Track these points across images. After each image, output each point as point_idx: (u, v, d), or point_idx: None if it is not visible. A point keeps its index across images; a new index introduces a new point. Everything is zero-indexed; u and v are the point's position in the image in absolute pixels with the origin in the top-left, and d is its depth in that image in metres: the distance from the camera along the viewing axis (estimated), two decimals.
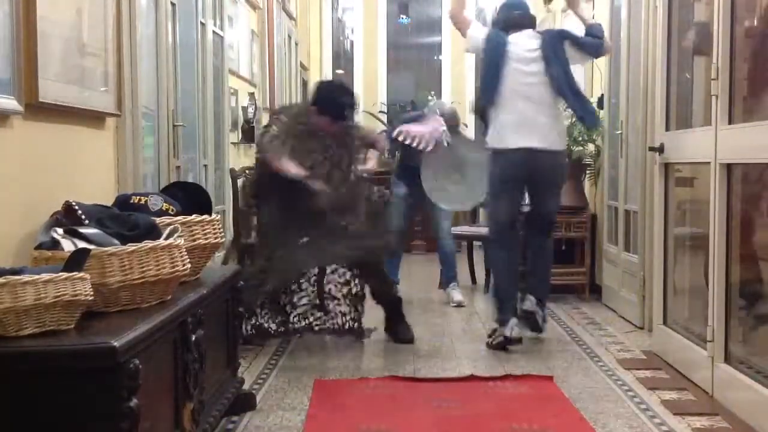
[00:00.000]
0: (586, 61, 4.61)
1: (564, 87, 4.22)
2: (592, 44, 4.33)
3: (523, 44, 4.27)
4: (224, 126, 5.44)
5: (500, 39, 4.29)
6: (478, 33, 4.39)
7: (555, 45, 4.25)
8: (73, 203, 2.54)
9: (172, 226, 2.52)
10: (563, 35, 4.34)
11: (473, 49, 4.53)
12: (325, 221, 4.18)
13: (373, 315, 4.56)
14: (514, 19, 4.37)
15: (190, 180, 4.44)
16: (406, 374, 3.77)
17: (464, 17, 4.47)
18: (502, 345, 4.23)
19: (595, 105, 4.55)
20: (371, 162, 4.40)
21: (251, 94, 6.35)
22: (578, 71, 5.15)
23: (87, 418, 1.85)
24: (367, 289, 4.49)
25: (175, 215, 2.74)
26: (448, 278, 5.84)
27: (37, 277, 1.94)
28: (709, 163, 3.40)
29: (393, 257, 5.32)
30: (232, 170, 5.27)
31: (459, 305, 5.54)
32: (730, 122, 3.29)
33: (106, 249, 2.22)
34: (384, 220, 4.48)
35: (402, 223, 5.37)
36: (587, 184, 6.05)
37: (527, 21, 4.39)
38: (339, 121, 4.25)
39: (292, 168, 4.06)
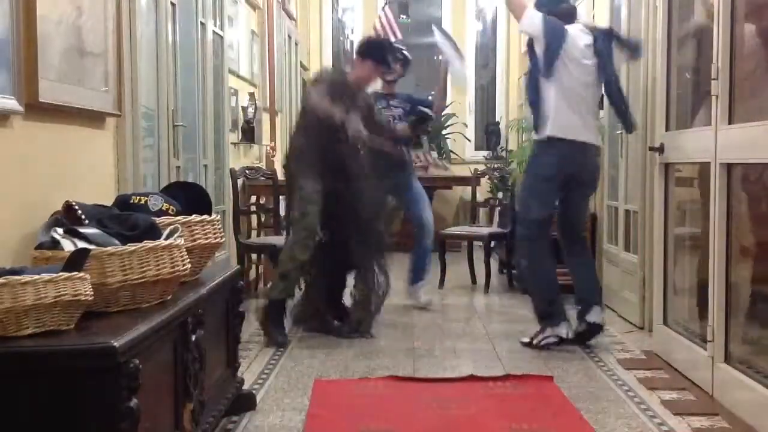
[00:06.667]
0: (623, 62, 4.43)
1: (614, 88, 4.21)
2: (636, 44, 4.27)
3: (578, 37, 4.20)
4: (224, 126, 5.43)
5: (560, 25, 4.19)
6: (536, 15, 4.21)
7: (608, 44, 4.20)
8: (73, 203, 2.54)
9: (172, 226, 2.52)
10: (612, 34, 4.28)
11: (531, 29, 4.25)
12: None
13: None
14: (564, 9, 4.27)
15: (190, 180, 4.45)
16: (406, 374, 3.77)
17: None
18: (551, 344, 4.21)
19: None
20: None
21: (251, 94, 6.35)
22: None
23: (87, 418, 1.85)
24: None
25: (175, 215, 2.74)
26: (419, 279, 5.45)
27: (37, 277, 1.94)
28: (709, 163, 3.40)
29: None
30: (232, 170, 5.29)
31: (425, 307, 5.33)
32: (730, 122, 3.29)
33: (106, 249, 2.22)
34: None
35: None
36: None
37: (575, 13, 4.33)
38: (381, 65, 4.69)
39: (335, 111, 4.36)
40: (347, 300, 4.80)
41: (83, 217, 2.49)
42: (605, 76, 4.18)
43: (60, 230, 2.34)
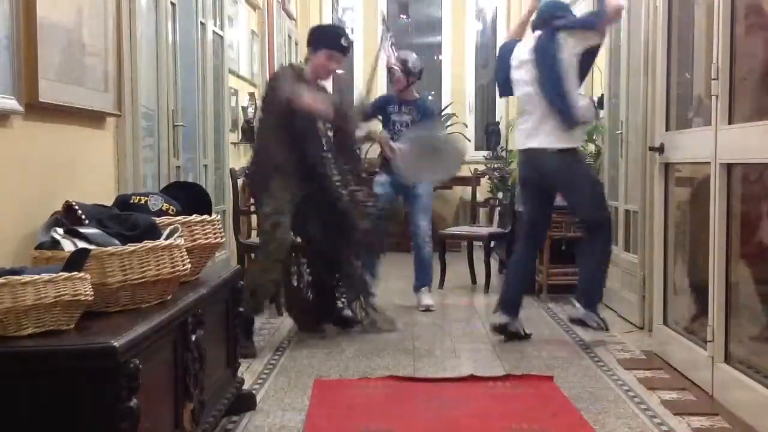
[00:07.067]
0: (593, 38, 4.30)
1: (547, 87, 4.30)
2: (585, 20, 4.44)
3: (523, 49, 4.50)
4: (224, 126, 5.44)
5: (506, 48, 4.61)
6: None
7: (546, 45, 4.33)
8: (73, 203, 2.54)
9: (172, 226, 2.52)
10: (555, 28, 4.35)
11: None
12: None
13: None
14: (534, 23, 4.59)
15: (190, 180, 4.45)
16: (406, 374, 3.77)
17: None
18: (496, 329, 4.51)
19: (590, 104, 4.47)
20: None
21: (251, 94, 6.35)
22: None
23: (87, 418, 1.85)
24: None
25: (175, 215, 2.74)
26: (422, 283, 5.51)
27: (37, 277, 1.94)
28: (709, 163, 3.40)
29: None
30: (232, 170, 5.29)
31: (428, 309, 5.32)
32: (730, 122, 3.29)
33: (106, 249, 2.22)
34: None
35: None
36: None
37: (539, 22, 4.50)
38: (336, 52, 4.39)
39: (317, 102, 4.23)
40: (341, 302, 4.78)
41: (83, 217, 2.49)
42: (537, 74, 4.34)
43: (60, 230, 2.34)
